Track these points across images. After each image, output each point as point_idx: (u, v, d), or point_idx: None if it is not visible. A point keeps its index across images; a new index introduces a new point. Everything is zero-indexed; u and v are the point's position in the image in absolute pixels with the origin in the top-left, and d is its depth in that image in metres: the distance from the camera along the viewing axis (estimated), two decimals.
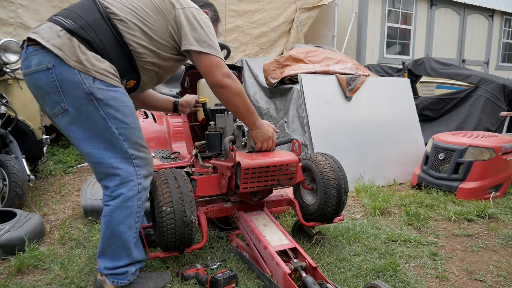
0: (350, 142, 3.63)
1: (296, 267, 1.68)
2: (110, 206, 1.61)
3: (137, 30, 1.62)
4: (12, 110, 3.06)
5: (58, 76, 1.49)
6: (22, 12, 4.29)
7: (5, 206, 2.62)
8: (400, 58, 7.18)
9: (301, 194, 2.30)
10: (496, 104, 4.38)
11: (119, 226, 1.62)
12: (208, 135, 2.14)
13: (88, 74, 1.50)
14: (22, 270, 2.00)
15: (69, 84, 1.50)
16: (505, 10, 9.14)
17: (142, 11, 1.64)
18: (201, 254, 2.15)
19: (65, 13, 1.57)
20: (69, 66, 1.49)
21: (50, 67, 1.49)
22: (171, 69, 1.83)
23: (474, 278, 1.96)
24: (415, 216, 2.72)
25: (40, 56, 1.50)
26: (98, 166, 1.61)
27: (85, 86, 1.50)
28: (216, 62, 1.67)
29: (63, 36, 1.50)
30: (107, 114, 1.55)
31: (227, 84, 1.69)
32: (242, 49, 5.95)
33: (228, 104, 1.79)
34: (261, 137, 1.91)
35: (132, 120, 1.62)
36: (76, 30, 1.51)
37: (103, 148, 1.58)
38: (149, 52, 1.67)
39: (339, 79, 3.74)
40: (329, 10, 6.72)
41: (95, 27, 1.54)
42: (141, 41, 1.63)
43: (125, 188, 1.60)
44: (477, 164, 3.18)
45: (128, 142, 1.60)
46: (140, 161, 1.65)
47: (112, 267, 1.66)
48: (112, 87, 1.55)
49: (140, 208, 1.67)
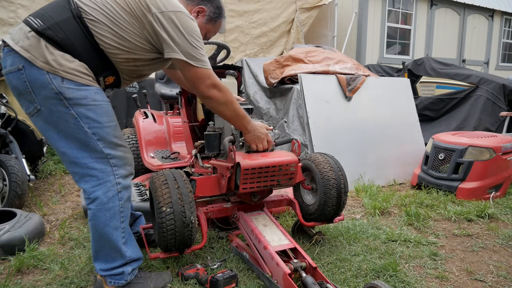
0: (350, 142, 3.63)
1: (296, 267, 1.68)
2: (91, 209, 1.61)
3: (108, 31, 1.56)
4: (12, 110, 3.06)
5: (28, 77, 1.50)
6: (22, 12, 4.29)
7: (5, 206, 2.62)
8: (400, 58, 7.18)
9: (301, 194, 2.30)
10: (496, 104, 4.38)
11: (105, 228, 1.61)
12: (207, 135, 2.14)
13: (56, 74, 1.50)
14: (22, 270, 2.00)
15: (38, 84, 1.51)
16: (505, 10, 9.14)
17: (115, 12, 1.57)
18: (201, 254, 2.15)
19: (37, 13, 1.57)
20: (37, 67, 1.49)
21: (21, 68, 1.50)
22: (153, 67, 1.79)
23: (474, 278, 1.96)
24: (415, 216, 2.72)
25: (13, 57, 1.52)
26: (73, 166, 1.60)
27: (54, 86, 1.50)
28: (200, 74, 1.64)
29: (31, 37, 1.50)
30: (78, 113, 1.53)
31: (211, 96, 1.69)
32: (242, 49, 5.95)
33: (216, 113, 1.84)
34: (255, 140, 1.93)
35: (107, 119, 1.60)
36: (43, 31, 1.50)
37: (78, 148, 1.57)
38: (122, 52, 1.61)
39: (339, 79, 3.74)
40: (329, 10, 6.72)
41: (64, 27, 1.52)
42: (112, 42, 1.58)
43: (102, 190, 1.59)
44: (477, 164, 3.18)
45: (103, 141, 1.58)
46: (118, 161, 1.63)
47: (107, 268, 1.67)
48: (83, 86, 1.54)
49: (124, 207, 1.66)
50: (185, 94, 2.75)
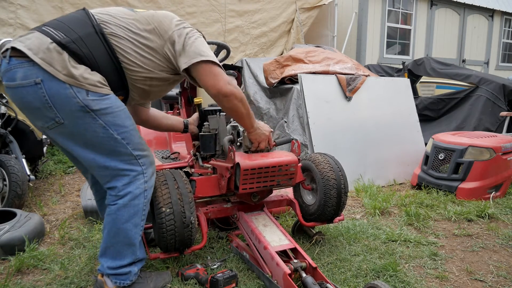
0: (350, 142, 3.63)
1: (296, 267, 1.68)
2: (117, 204, 1.61)
3: (130, 48, 1.59)
4: (12, 110, 3.06)
5: (48, 91, 1.44)
6: (22, 13, 4.29)
7: (5, 206, 2.62)
8: (400, 58, 7.18)
9: (301, 194, 2.30)
10: (496, 104, 4.38)
11: (125, 224, 1.62)
12: (202, 135, 2.15)
13: (81, 88, 1.47)
14: (22, 270, 2.00)
15: (61, 98, 1.46)
16: (505, 10, 9.13)
17: (137, 29, 1.61)
18: (201, 254, 2.15)
19: (56, 25, 1.52)
20: (59, 80, 1.44)
21: (38, 82, 1.43)
22: (162, 89, 1.81)
23: (474, 278, 1.96)
24: (415, 216, 2.72)
25: (26, 70, 1.44)
26: (103, 170, 1.61)
27: (79, 100, 1.47)
28: (218, 70, 1.66)
29: (53, 49, 1.45)
30: (107, 122, 1.54)
31: (231, 91, 1.67)
32: (242, 49, 5.95)
33: (232, 111, 1.76)
34: (259, 138, 1.94)
35: (130, 122, 1.62)
36: (67, 44, 1.47)
37: (106, 154, 1.58)
38: (141, 70, 1.64)
39: (339, 79, 3.74)
40: (329, 10, 6.72)
41: (88, 42, 1.51)
42: (134, 59, 1.60)
43: (133, 186, 1.62)
44: (477, 164, 3.18)
45: (132, 144, 1.61)
46: (146, 160, 1.67)
47: (115, 266, 1.66)
48: (105, 96, 1.54)
49: (146, 206, 1.68)
50: (185, 94, 2.75)
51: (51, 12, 4.46)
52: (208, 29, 5.54)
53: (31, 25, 4.33)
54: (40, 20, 4.39)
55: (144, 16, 1.66)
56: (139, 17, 1.65)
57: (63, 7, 4.54)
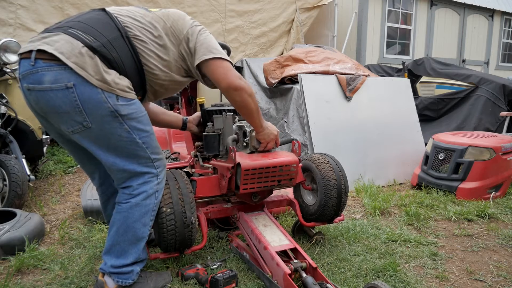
0: (350, 142, 3.63)
1: (296, 268, 1.68)
2: (129, 203, 1.63)
3: (154, 52, 1.63)
4: (12, 110, 3.05)
5: (80, 96, 1.44)
6: (22, 13, 4.29)
7: (5, 206, 2.62)
8: (400, 58, 7.17)
9: (301, 195, 2.30)
10: (496, 104, 4.38)
11: (135, 223, 1.64)
12: (206, 136, 2.14)
13: (112, 93, 1.49)
14: (22, 270, 2.00)
15: (92, 103, 1.47)
16: (505, 10, 9.13)
17: (156, 31, 1.65)
18: (201, 254, 2.15)
19: (83, 28, 1.50)
20: (91, 85, 1.45)
21: (70, 86, 1.42)
22: (173, 89, 1.85)
23: (474, 278, 1.96)
24: (415, 216, 2.72)
25: (57, 73, 1.42)
26: (120, 173, 1.63)
27: (110, 105, 1.49)
28: (228, 65, 1.70)
29: (85, 53, 1.45)
30: (131, 127, 1.56)
31: (242, 86, 1.70)
32: (242, 49, 5.95)
33: (242, 107, 1.77)
34: (268, 138, 1.96)
35: (150, 127, 1.66)
36: (98, 48, 1.47)
37: (126, 158, 1.60)
38: (162, 73, 1.68)
39: (339, 79, 3.74)
40: (329, 10, 6.72)
41: (116, 46, 1.52)
42: (157, 62, 1.65)
43: (147, 186, 1.65)
44: (477, 164, 3.18)
45: (150, 148, 1.64)
46: (160, 163, 1.70)
47: (118, 265, 1.66)
48: (132, 101, 1.57)
49: (156, 207, 1.71)
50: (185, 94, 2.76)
51: (51, 12, 4.46)
52: (208, 29, 5.39)
53: (31, 25, 4.33)
54: (40, 20, 4.39)
55: (160, 16, 1.69)
56: (156, 17, 1.68)
57: (63, 7, 4.53)
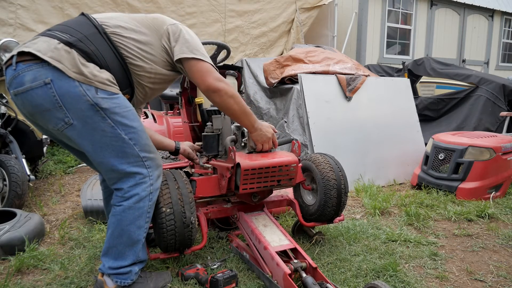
0: (350, 142, 3.63)
1: (296, 268, 1.68)
2: (122, 206, 1.62)
3: (132, 44, 1.63)
4: (12, 110, 3.06)
5: (58, 91, 1.45)
6: (22, 13, 4.29)
7: (5, 206, 2.62)
8: (400, 58, 7.18)
9: (301, 195, 2.30)
10: (496, 104, 4.38)
11: (129, 226, 1.63)
12: (205, 136, 2.14)
13: (90, 85, 1.49)
14: (22, 270, 2.00)
15: (70, 97, 1.47)
16: (505, 10, 9.13)
17: (136, 26, 1.67)
18: (201, 254, 2.15)
19: (60, 28, 1.56)
20: (69, 78, 1.46)
21: (48, 82, 1.44)
22: (161, 86, 1.84)
23: (474, 278, 1.96)
24: (415, 216, 2.72)
25: (35, 72, 1.45)
26: (110, 173, 1.62)
27: (89, 98, 1.48)
28: (207, 67, 1.69)
29: (61, 48, 1.47)
30: (115, 122, 1.54)
31: (220, 87, 1.69)
32: (242, 49, 5.95)
33: (224, 108, 1.78)
34: (261, 139, 1.93)
35: (137, 123, 1.63)
36: (74, 43, 1.50)
37: (115, 156, 1.58)
38: (146, 65, 1.67)
39: (339, 79, 3.74)
40: (329, 10, 6.72)
41: (93, 40, 1.54)
42: (136, 53, 1.64)
43: (139, 188, 1.63)
44: (477, 164, 3.18)
45: (139, 145, 1.62)
46: (152, 162, 1.67)
47: (116, 266, 1.66)
48: (114, 95, 1.55)
49: (151, 209, 1.69)
50: (185, 94, 2.75)
51: (51, 12, 4.46)
52: (208, 29, 5.54)
53: (31, 25, 4.33)
54: (40, 20, 4.39)
55: (139, 16, 1.75)
56: (136, 16, 1.73)
57: (63, 7, 4.54)
